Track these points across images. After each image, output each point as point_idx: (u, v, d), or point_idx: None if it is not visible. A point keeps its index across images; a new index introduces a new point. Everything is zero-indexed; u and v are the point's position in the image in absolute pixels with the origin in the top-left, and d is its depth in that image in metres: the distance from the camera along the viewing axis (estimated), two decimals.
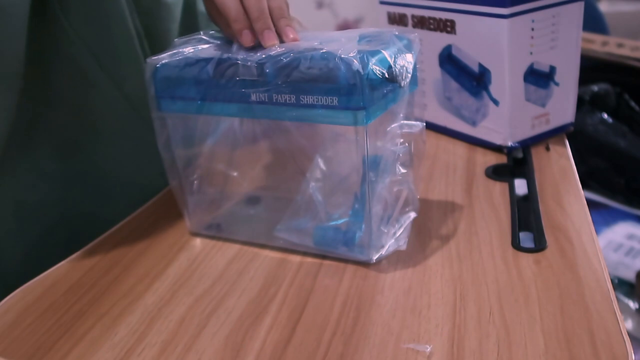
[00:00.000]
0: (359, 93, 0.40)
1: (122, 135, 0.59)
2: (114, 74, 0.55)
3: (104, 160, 0.58)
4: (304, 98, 0.41)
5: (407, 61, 0.43)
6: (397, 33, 0.45)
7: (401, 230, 0.46)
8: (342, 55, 0.39)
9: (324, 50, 0.40)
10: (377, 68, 0.40)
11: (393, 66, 0.41)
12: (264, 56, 0.42)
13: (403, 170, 0.44)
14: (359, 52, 0.40)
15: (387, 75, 0.41)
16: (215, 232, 0.51)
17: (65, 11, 0.52)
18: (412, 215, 0.47)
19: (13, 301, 0.45)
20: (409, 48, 0.44)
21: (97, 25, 0.53)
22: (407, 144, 0.44)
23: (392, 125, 0.43)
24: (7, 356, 0.39)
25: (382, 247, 0.45)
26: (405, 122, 0.43)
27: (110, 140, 0.58)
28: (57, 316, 0.43)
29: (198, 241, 0.51)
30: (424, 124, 0.45)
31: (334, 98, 0.40)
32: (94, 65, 0.54)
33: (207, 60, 0.44)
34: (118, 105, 0.57)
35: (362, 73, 0.39)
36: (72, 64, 0.53)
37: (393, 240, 0.46)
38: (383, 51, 0.41)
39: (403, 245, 0.45)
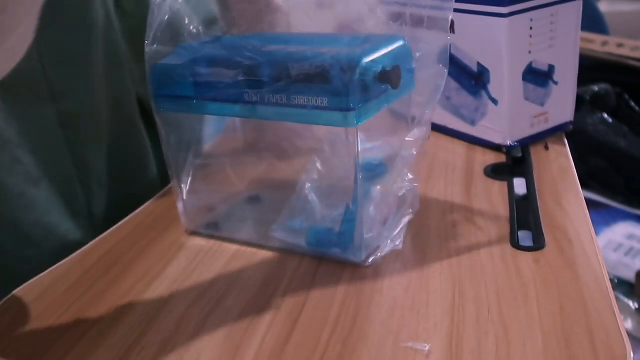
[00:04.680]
0: (349, 94, 0.39)
1: (114, 138, 0.59)
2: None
3: (97, 165, 0.58)
4: (295, 98, 0.41)
5: (401, 62, 0.42)
6: (393, 33, 0.45)
7: (397, 231, 0.46)
8: (334, 56, 0.40)
9: (316, 51, 0.40)
10: (370, 69, 0.40)
11: (386, 67, 0.41)
12: (257, 56, 0.42)
13: (411, 176, 0.44)
14: (351, 52, 0.40)
15: (380, 76, 0.41)
16: (214, 231, 0.51)
17: None
18: (409, 216, 0.47)
19: (12, 301, 0.45)
20: (404, 48, 0.44)
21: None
22: (410, 146, 0.44)
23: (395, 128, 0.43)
24: (6, 356, 0.39)
25: (378, 248, 0.45)
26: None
27: (104, 144, 0.58)
28: (56, 316, 0.43)
29: (197, 241, 0.51)
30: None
31: (325, 99, 0.40)
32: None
33: (202, 59, 0.44)
34: (110, 108, 0.57)
35: (353, 73, 0.39)
36: None
37: (389, 241, 0.45)
38: (376, 52, 0.41)
39: (399, 245, 0.45)
